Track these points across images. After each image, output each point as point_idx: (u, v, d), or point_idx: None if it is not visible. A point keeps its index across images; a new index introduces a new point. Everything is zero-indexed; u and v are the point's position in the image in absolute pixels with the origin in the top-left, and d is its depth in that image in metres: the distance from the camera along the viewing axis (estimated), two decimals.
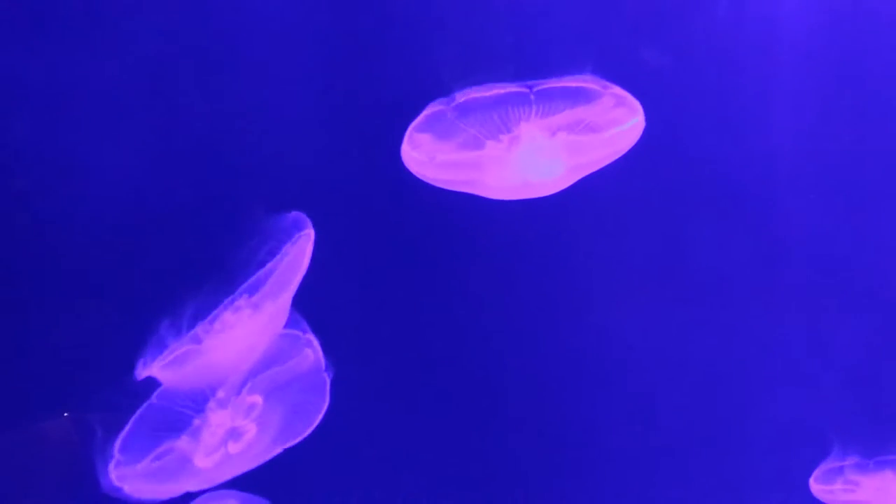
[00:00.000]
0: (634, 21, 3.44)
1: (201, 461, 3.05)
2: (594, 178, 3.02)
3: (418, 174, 2.94)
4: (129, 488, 3.04)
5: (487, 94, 2.68)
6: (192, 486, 3.12)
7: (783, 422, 3.52)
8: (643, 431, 3.76)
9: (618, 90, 2.71)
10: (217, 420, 3.04)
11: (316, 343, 3.12)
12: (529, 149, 2.76)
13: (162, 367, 2.92)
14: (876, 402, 3.44)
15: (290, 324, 3.09)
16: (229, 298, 2.88)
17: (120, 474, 3.02)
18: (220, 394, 3.05)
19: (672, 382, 3.60)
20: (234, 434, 3.05)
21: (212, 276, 2.89)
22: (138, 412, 3.00)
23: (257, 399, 3.07)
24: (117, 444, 2.99)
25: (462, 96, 2.69)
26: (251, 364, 3.08)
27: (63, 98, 3.35)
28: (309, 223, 2.90)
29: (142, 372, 2.88)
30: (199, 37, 3.42)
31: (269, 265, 2.90)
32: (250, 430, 3.07)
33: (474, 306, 3.70)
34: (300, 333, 3.10)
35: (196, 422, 3.04)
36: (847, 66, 3.48)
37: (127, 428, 2.99)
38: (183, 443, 3.02)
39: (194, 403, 3.07)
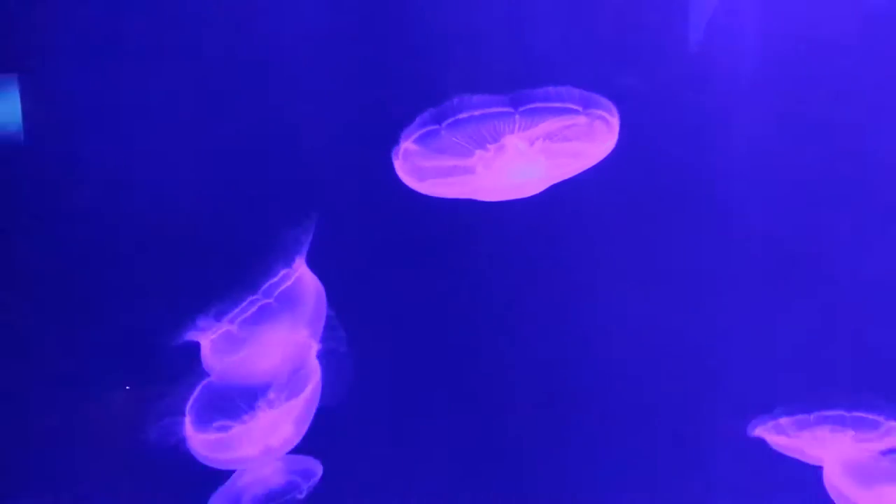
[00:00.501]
0: (614, 45, 3.60)
1: (246, 449, 3.20)
2: (574, 182, 3.11)
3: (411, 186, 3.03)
4: (194, 451, 3.19)
5: (476, 111, 2.75)
6: (235, 465, 3.28)
7: (739, 386, 3.62)
8: (625, 397, 3.80)
9: (595, 109, 2.83)
10: (265, 418, 3.16)
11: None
12: (513, 157, 2.85)
13: (211, 354, 3.08)
14: (817, 372, 3.59)
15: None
16: (257, 298, 2.98)
17: (187, 436, 3.17)
18: (271, 394, 3.16)
19: (646, 357, 3.76)
20: (275, 429, 3.21)
21: (247, 272, 3.01)
22: (202, 388, 3.12)
23: (297, 402, 3.19)
24: (188, 408, 3.12)
25: (453, 113, 2.76)
26: (288, 366, 3.18)
27: (119, 114, 3.57)
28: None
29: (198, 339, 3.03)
30: (234, 62, 3.60)
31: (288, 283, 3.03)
32: (288, 428, 3.24)
33: (470, 299, 3.81)
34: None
35: (246, 417, 3.16)
36: (798, 88, 3.59)
37: (195, 397, 3.11)
38: (235, 429, 3.15)
39: (247, 399, 3.17)
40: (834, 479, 3.33)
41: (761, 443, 3.36)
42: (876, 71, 3.61)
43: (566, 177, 3.04)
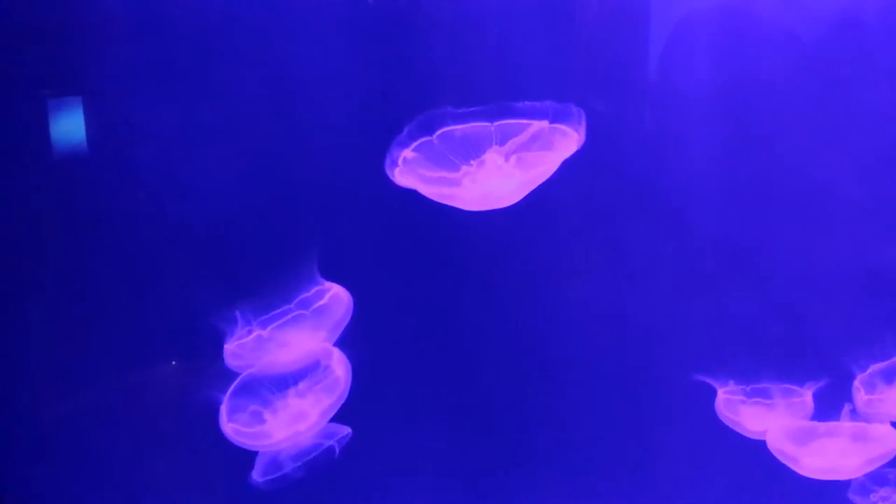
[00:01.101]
0: (584, 72, 3.81)
1: (276, 433, 3.33)
2: (546, 190, 3.29)
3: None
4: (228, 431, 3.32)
5: (461, 126, 2.89)
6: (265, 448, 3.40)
7: (692, 368, 3.74)
8: (593, 379, 4.01)
9: (563, 125, 2.99)
10: (294, 405, 3.29)
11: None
12: (492, 170, 2.96)
13: (240, 348, 3.21)
14: (762, 354, 3.77)
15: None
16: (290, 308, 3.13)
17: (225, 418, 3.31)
18: (302, 384, 3.30)
19: (612, 343, 3.97)
20: (301, 416, 3.33)
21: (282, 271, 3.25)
22: (240, 378, 3.23)
23: (320, 396, 3.31)
24: (227, 394, 3.25)
25: (444, 126, 2.90)
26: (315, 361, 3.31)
27: (171, 130, 3.75)
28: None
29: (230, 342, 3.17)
30: (265, 85, 3.78)
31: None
32: (313, 416, 3.35)
33: (459, 300, 3.96)
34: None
35: (278, 403, 3.29)
36: (745, 110, 3.80)
37: (235, 385, 3.23)
38: (266, 414, 3.28)
39: (277, 386, 3.30)
40: (775, 442, 3.64)
41: (713, 415, 3.66)
42: (818, 95, 3.78)
43: (538, 184, 3.16)
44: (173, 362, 3.96)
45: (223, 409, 3.31)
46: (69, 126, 3.82)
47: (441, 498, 4.09)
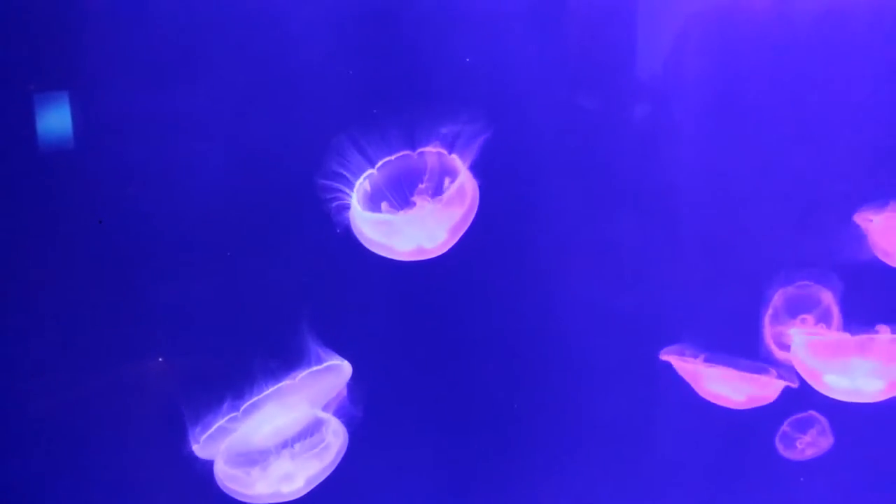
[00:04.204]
0: (574, 72, 3.87)
1: (259, 488, 3.25)
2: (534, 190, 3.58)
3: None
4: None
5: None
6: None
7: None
8: (584, 375, 4.10)
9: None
10: (279, 467, 3.22)
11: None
12: (422, 216, 3.07)
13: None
14: (730, 337, 3.85)
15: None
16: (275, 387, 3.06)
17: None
18: (286, 451, 3.21)
19: (599, 331, 4.04)
20: (287, 478, 3.25)
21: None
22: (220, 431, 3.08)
23: (309, 461, 3.25)
24: (200, 439, 3.12)
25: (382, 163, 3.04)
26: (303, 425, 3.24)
27: (162, 125, 3.77)
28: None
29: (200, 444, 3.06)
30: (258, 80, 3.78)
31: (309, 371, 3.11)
32: (300, 481, 3.28)
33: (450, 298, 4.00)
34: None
35: (257, 469, 3.21)
36: (729, 111, 3.90)
37: (209, 432, 3.08)
38: (251, 473, 3.21)
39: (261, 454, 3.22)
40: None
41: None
42: (802, 95, 3.88)
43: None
44: (160, 359, 3.94)
45: (219, 454, 3.24)
46: (56, 121, 3.81)
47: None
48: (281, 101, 3.80)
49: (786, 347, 3.72)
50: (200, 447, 3.11)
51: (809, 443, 4.01)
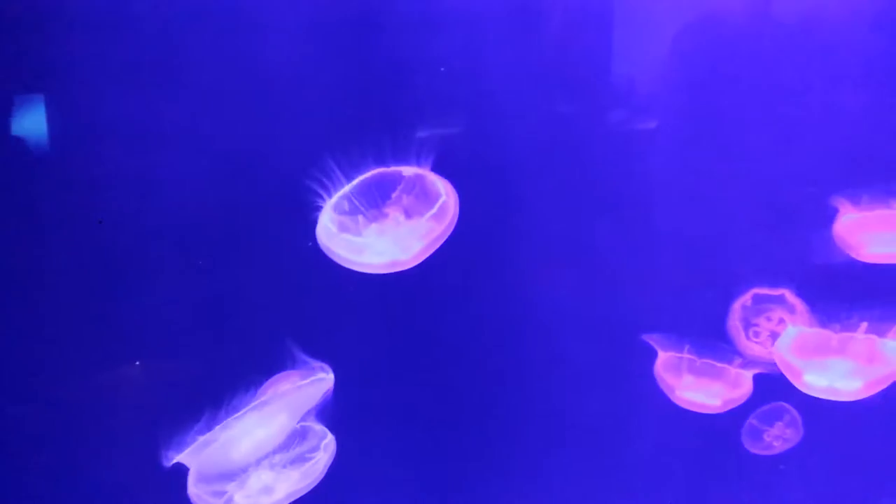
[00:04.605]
0: (552, 78, 3.89)
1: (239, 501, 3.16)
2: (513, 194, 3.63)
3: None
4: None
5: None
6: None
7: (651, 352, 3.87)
8: (564, 378, 4.14)
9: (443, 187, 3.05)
10: (258, 479, 3.15)
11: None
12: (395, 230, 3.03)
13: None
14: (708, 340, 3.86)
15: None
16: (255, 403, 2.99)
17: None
18: (265, 463, 3.15)
19: (577, 335, 4.07)
20: (267, 490, 3.18)
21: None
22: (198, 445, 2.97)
23: (290, 473, 3.19)
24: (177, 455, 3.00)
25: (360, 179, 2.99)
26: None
27: (138, 130, 3.74)
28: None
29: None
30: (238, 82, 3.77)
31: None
32: (280, 494, 3.19)
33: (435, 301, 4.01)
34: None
35: (235, 484, 3.14)
36: (699, 111, 3.93)
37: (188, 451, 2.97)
38: (230, 486, 3.13)
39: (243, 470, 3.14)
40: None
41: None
42: (775, 102, 3.92)
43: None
44: (137, 363, 3.93)
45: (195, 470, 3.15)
46: (33, 124, 3.80)
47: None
48: (259, 106, 3.81)
49: (755, 344, 3.78)
50: (179, 459, 3.04)
51: (777, 435, 4.03)
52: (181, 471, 3.06)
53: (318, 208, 3.16)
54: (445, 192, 3.12)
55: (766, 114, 3.92)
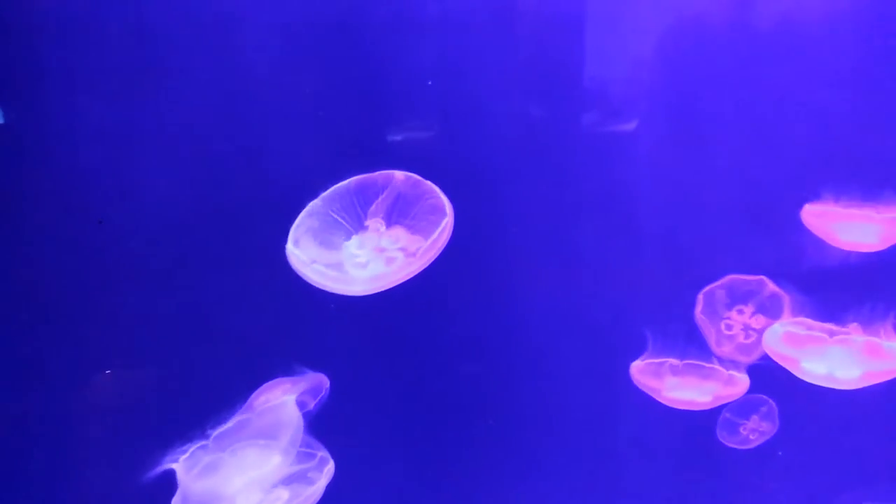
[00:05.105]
0: (525, 82, 3.89)
1: None
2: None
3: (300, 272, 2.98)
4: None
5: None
6: None
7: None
8: (547, 379, 4.15)
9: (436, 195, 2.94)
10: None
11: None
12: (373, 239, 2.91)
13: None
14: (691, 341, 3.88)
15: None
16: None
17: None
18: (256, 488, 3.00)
19: (562, 339, 4.09)
20: None
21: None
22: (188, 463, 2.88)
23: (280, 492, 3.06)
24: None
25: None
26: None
27: (119, 134, 3.74)
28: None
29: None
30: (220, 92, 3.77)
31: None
32: None
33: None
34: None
35: None
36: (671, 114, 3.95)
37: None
38: None
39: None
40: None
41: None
42: (752, 103, 3.95)
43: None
44: (107, 371, 3.90)
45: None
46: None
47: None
48: (235, 112, 3.80)
49: (727, 340, 3.81)
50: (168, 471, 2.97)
51: (753, 428, 4.03)
52: (166, 485, 3.01)
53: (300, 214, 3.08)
54: (432, 193, 3.03)
55: (744, 115, 3.94)
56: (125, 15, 3.65)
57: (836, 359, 3.53)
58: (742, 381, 3.86)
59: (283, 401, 3.02)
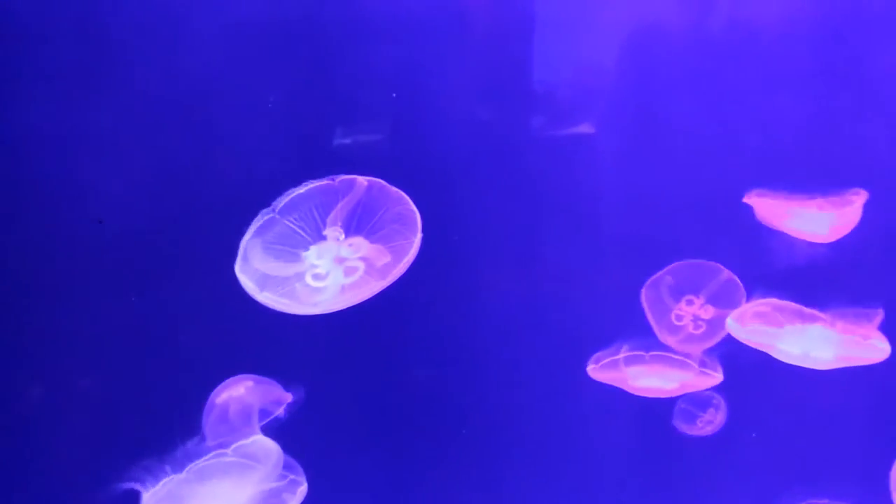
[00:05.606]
0: (474, 85, 3.95)
1: None
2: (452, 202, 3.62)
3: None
4: None
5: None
6: None
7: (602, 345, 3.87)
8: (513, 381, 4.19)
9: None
10: None
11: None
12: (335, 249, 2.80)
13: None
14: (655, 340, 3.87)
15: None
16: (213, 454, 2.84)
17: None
18: None
19: (525, 341, 4.14)
20: None
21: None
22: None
23: None
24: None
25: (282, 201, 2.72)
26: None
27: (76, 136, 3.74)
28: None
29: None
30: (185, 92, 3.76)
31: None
32: None
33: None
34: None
35: None
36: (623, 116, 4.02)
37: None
38: None
39: None
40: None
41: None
42: (718, 100, 4.03)
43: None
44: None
45: None
46: None
47: None
48: (189, 115, 3.79)
49: (677, 331, 3.84)
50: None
51: (709, 420, 4.10)
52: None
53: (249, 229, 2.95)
54: (400, 200, 2.90)
55: (700, 116, 4.00)
56: (78, 16, 3.66)
57: (812, 339, 3.58)
58: (700, 374, 3.88)
59: (257, 438, 2.95)
